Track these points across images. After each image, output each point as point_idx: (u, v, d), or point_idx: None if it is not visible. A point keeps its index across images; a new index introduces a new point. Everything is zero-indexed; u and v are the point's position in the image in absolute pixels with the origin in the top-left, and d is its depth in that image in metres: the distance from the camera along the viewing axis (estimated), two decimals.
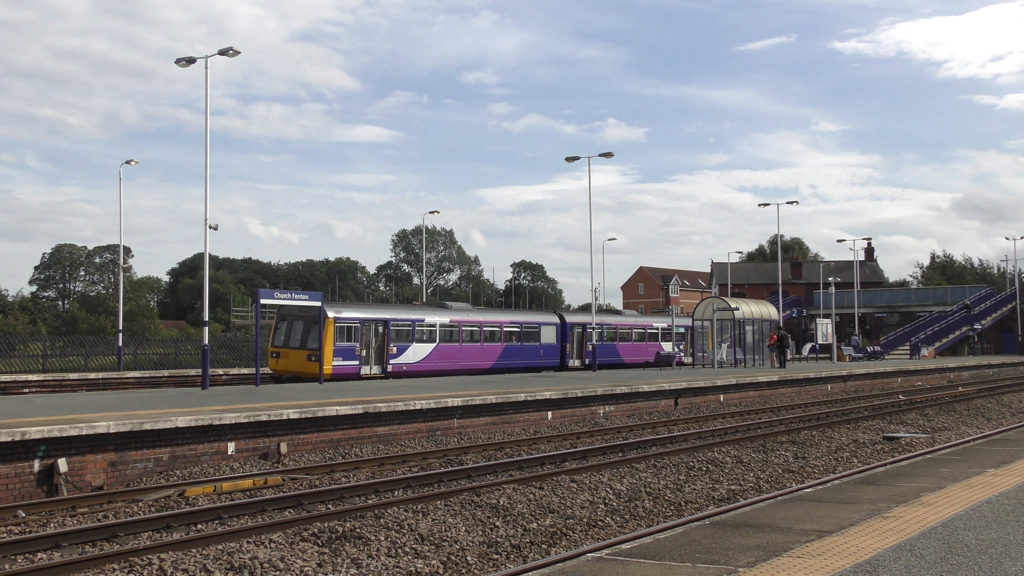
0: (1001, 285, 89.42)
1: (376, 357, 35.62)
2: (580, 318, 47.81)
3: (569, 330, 45.55)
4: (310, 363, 33.29)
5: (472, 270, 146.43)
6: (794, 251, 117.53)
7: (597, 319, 46.76)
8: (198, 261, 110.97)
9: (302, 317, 34.65)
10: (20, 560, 10.12)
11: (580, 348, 46.17)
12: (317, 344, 32.23)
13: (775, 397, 34.31)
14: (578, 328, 46.23)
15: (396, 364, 36.42)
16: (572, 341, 45.70)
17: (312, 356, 33.11)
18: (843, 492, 11.53)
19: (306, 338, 34.32)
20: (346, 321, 34.94)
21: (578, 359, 46.07)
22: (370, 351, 34.89)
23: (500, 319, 42.94)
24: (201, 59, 28.39)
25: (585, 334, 45.83)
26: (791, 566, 7.53)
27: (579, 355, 46.16)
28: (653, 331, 51.64)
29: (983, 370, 54.32)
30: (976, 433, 22.26)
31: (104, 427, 15.10)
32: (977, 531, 8.80)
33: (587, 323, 46.02)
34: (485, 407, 22.44)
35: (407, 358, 36.96)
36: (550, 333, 44.51)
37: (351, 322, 35.14)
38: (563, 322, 45.55)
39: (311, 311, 33.51)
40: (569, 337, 45.47)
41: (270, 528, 11.30)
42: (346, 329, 34.85)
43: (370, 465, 17.05)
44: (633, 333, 50.66)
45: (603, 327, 47.80)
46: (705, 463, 17.21)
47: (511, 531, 11.74)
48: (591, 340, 44.28)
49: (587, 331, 45.49)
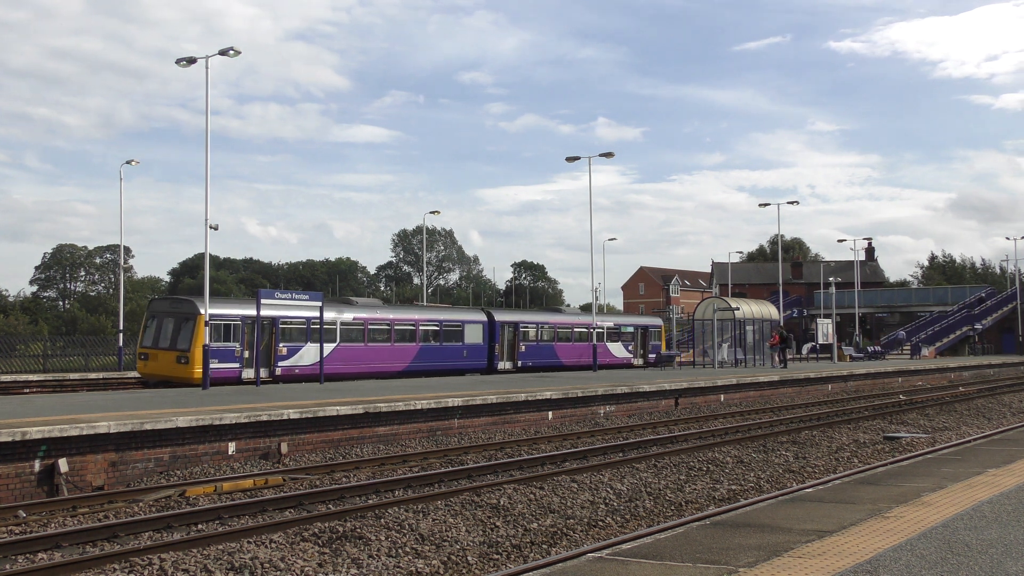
0: (1001, 285, 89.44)
1: (262, 359, 31.60)
2: (512, 316, 44.52)
3: (498, 329, 42.06)
4: (180, 366, 30.32)
5: (472, 270, 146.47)
6: (794, 251, 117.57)
7: (532, 317, 44.93)
8: (199, 261, 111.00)
9: (172, 314, 31.54)
10: (21, 560, 10.12)
11: (512, 349, 42.93)
12: (187, 345, 29.93)
13: (776, 397, 34.30)
14: (509, 327, 42.86)
15: (287, 367, 32.76)
16: (502, 341, 42.26)
17: (182, 358, 30.25)
18: (844, 492, 11.53)
19: (176, 338, 30.88)
20: (223, 318, 31.25)
21: (509, 361, 42.73)
22: (254, 352, 30.83)
23: (415, 317, 39.25)
24: (201, 59, 28.42)
25: (517, 334, 42.94)
26: (792, 566, 7.53)
27: (510, 356, 42.84)
28: (597, 330, 47.45)
29: (984, 370, 54.32)
30: (977, 433, 22.26)
31: (105, 427, 15.10)
32: (978, 531, 8.80)
33: (520, 321, 43.62)
34: (485, 407, 22.45)
35: (300, 360, 33.14)
36: (476, 332, 40.87)
37: (229, 319, 31.51)
38: (491, 320, 42.00)
39: (182, 307, 31.31)
40: (498, 337, 41.99)
41: (271, 528, 11.30)
42: (223, 327, 31.19)
43: (370, 465, 17.05)
44: (574, 333, 46.75)
45: (539, 326, 44.87)
46: (706, 463, 17.21)
47: (511, 531, 11.74)
48: (524, 340, 42.15)
49: (519, 330, 43.01)
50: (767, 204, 79.81)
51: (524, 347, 42.75)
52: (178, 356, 30.51)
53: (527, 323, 43.71)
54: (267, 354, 32.36)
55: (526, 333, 43.10)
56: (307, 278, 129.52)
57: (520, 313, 46.55)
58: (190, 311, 30.63)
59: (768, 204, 76.83)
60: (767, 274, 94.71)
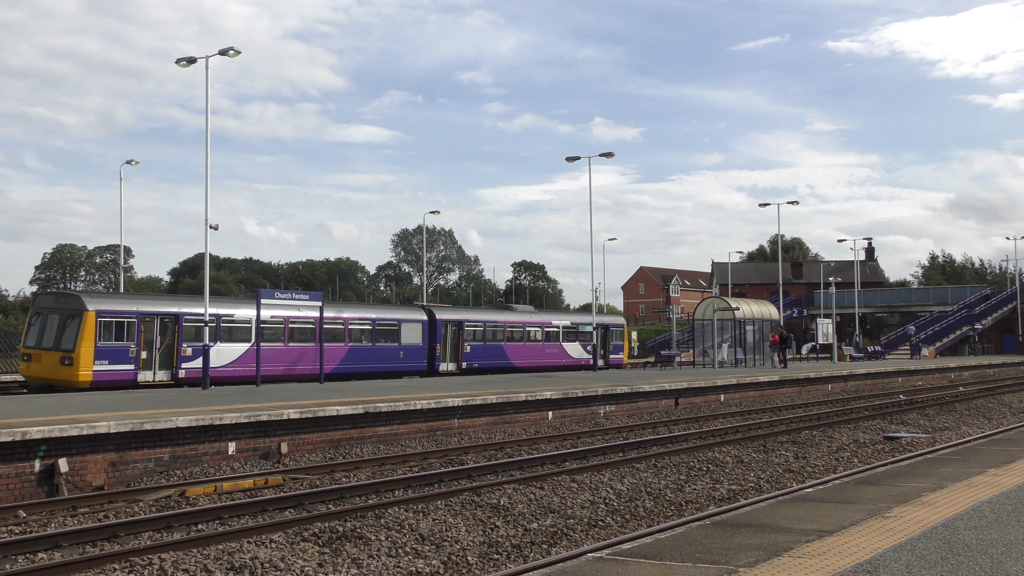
0: (1002, 285, 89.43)
1: (163, 360, 29.18)
2: (455, 315, 41.96)
3: (440, 328, 39.69)
4: (64, 368, 27.93)
5: (473, 270, 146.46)
6: (794, 251, 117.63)
7: (479, 316, 42.78)
8: (199, 261, 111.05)
9: (58, 311, 29.09)
10: (21, 560, 10.12)
11: (455, 350, 40.57)
12: (72, 344, 27.69)
13: (775, 397, 34.31)
14: (452, 326, 40.47)
15: (192, 368, 29.92)
16: (444, 342, 39.99)
17: (66, 359, 27.88)
18: (844, 492, 11.53)
19: (60, 337, 28.44)
20: (114, 315, 28.68)
21: (452, 362, 40.33)
22: (152, 353, 28.66)
23: (345, 315, 36.66)
24: (201, 59, 28.41)
25: (462, 333, 40.68)
26: (792, 566, 7.53)
27: (454, 357, 40.47)
28: (552, 330, 45.46)
29: (984, 370, 54.30)
30: (977, 433, 22.26)
31: (105, 427, 15.10)
32: (978, 531, 8.80)
33: (464, 320, 41.20)
34: (486, 407, 22.46)
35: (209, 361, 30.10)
36: (414, 332, 38.26)
37: (123, 317, 28.88)
38: (432, 319, 39.59)
39: (69, 303, 28.94)
40: (440, 337, 39.63)
41: (271, 528, 11.30)
42: (115, 325, 28.67)
43: (371, 465, 17.05)
44: (526, 332, 44.37)
45: (486, 325, 42.31)
46: (706, 463, 17.21)
47: (512, 531, 11.74)
48: (470, 340, 40.45)
49: (464, 330, 40.82)
50: (767, 204, 80.00)
51: (469, 348, 40.68)
52: (62, 357, 28.08)
53: (472, 322, 41.53)
54: (168, 355, 29.72)
55: (472, 333, 41.07)
56: (307, 278, 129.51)
57: (465, 311, 44.36)
58: (76, 307, 28.32)
59: (768, 204, 77.08)
60: (767, 274, 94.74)
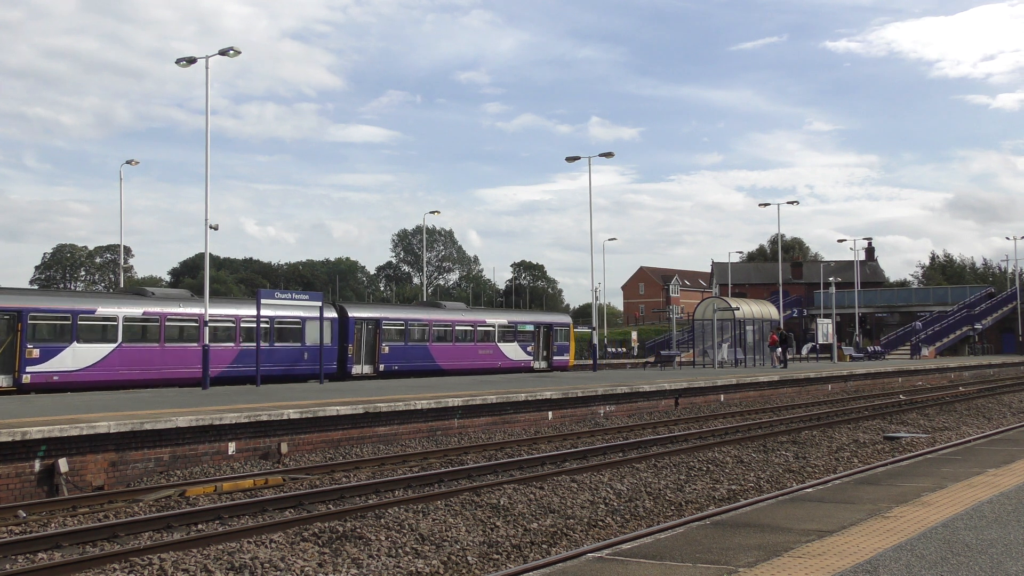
0: (1002, 284, 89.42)
1: (3, 364, 26.40)
2: (372, 312, 38.39)
3: (352, 327, 36.21)
4: None
5: (472, 270, 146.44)
6: (794, 251, 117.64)
7: (400, 314, 39.52)
8: (199, 261, 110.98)
9: None
10: (21, 560, 10.12)
11: (371, 351, 37.17)
12: None
13: (775, 397, 34.30)
14: (368, 324, 36.96)
15: (40, 372, 27.01)
16: (359, 341, 36.65)
17: None
18: (844, 492, 11.52)
19: None
20: None
21: (369, 364, 37.02)
22: None
23: (236, 312, 32.71)
24: (201, 59, 28.42)
25: (379, 332, 37.20)
26: (792, 566, 7.53)
27: (369, 359, 37.14)
28: (486, 329, 42.06)
29: (984, 370, 54.30)
30: (977, 433, 22.25)
31: (104, 427, 15.10)
32: (978, 531, 8.80)
33: (382, 318, 37.70)
34: (486, 407, 22.46)
35: (62, 364, 27.56)
36: (321, 331, 33.35)
37: None
38: (343, 316, 36.12)
39: None
40: (352, 336, 36.23)
41: (271, 528, 11.30)
42: None
43: (371, 465, 17.05)
44: (456, 332, 40.85)
45: (407, 323, 38.68)
46: (706, 463, 17.21)
47: (511, 531, 11.74)
48: (388, 340, 37.54)
49: (382, 328, 37.34)
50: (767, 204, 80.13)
51: (388, 348, 37.48)
52: None
53: (392, 320, 38.17)
54: (9, 357, 26.59)
55: (390, 332, 37.80)
56: (307, 278, 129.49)
57: (383, 308, 41.43)
58: None
59: (768, 204, 77.24)
60: (767, 274, 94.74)
